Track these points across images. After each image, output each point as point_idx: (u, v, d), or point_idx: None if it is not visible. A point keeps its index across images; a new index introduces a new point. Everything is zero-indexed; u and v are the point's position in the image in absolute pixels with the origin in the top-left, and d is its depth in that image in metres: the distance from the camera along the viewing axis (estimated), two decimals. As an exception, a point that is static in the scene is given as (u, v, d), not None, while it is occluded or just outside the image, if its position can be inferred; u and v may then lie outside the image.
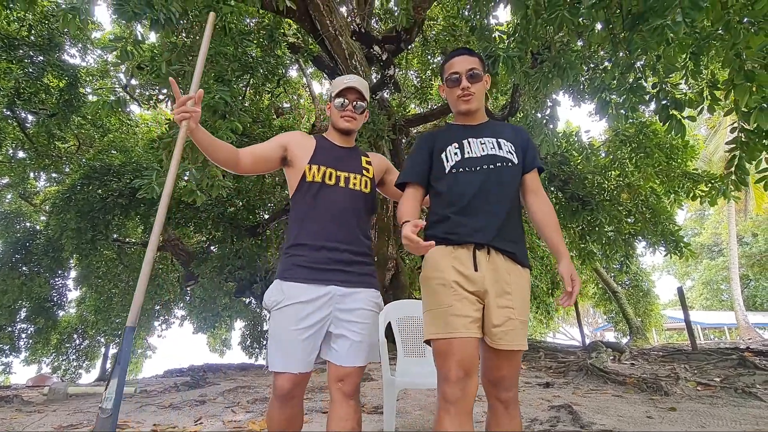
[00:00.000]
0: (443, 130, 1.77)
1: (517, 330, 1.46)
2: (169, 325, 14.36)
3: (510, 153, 1.62)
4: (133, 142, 10.53)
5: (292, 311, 1.56)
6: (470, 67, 1.67)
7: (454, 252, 1.51)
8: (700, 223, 27.29)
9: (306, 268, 1.61)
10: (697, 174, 7.09)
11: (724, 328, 22.69)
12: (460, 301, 1.45)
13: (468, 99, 1.67)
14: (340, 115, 1.79)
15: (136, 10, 2.95)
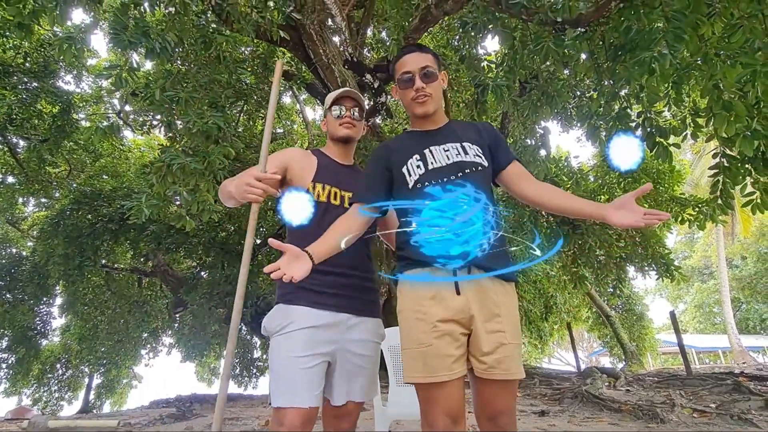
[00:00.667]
0: (400, 139, 1.61)
1: (511, 356, 1.29)
2: (156, 354, 13.98)
3: (478, 156, 1.45)
4: (125, 167, 10.52)
5: (300, 337, 1.39)
6: (423, 65, 1.48)
7: (432, 275, 1.35)
8: (690, 246, 27.57)
9: (313, 292, 1.47)
10: (684, 198, 7.22)
11: (718, 352, 22.62)
12: (440, 338, 1.28)
13: (424, 100, 1.48)
14: (339, 123, 1.67)
15: (132, 39, 3.01)
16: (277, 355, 1.41)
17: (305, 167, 1.61)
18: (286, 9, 4.22)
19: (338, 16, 4.66)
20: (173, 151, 2.99)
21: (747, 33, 2.48)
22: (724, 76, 2.33)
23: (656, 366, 19.27)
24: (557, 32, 3.46)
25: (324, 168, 1.62)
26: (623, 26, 2.87)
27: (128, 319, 11.80)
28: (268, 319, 1.49)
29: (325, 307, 1.46)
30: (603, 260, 7.75)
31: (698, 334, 25.42)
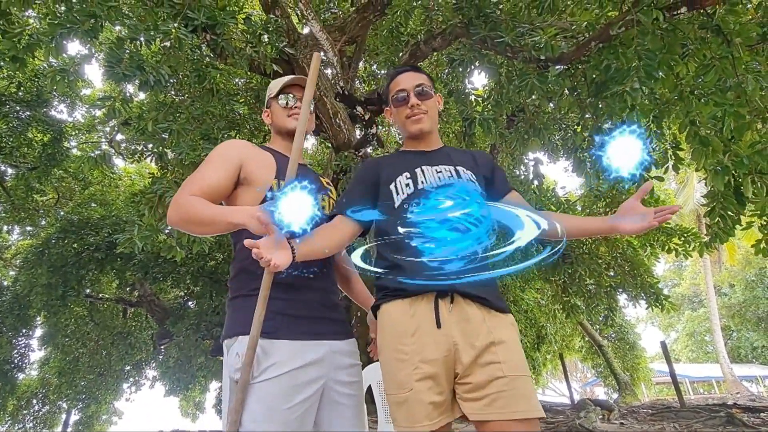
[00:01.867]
0: (391, 156, 1.53)
1: (512, 391, 1.10)
2: (139, 388, 13.48)
3: (471, 181, 1.37)
4: (115, 195, 10.45)
5: (283, 384, 1.13)
6: (418, 83, 1.44)
7: (413, 307, 1.21)
8: (679, 274, 27.80)
9: (294, 318, 1.22)
10: (670, 227, 7.34)
11: (712, 382, 22.45)
12: (421, 381, 1.14)
13: (419, 118, 1.43)
14: (288, 114, 1.44)
15: (126, 72, 3.06)
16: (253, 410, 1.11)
17: (261, 163, 1.36)
18: (280, 44, 4.34)
19: (330, 51, 4.81)
20: (165, 182, 3.00)
21: (719, 73, 2.61)
22: (699, 113, 2.43)
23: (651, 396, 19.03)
24: (541, 69, 3.60)
25: (282, 165, 1.36)
26: (603, 64, 3.00)
27: (111, 351, 11.44)
28: (235, 358, 1.17)
29: (309, 337, 1.22)
30: (593, 289, 7.77)
31: (691, 364, 25.27)
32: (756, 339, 22.58)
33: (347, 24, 5.28)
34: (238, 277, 1.31)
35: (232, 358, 1.19)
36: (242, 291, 1.27)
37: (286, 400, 1.13)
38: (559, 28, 3.59)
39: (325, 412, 1.24)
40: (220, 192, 1.30)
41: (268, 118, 1.51)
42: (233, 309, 1.29)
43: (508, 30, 3.48)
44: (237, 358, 1.17)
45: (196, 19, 3.38)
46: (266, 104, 1.53)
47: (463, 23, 3.85)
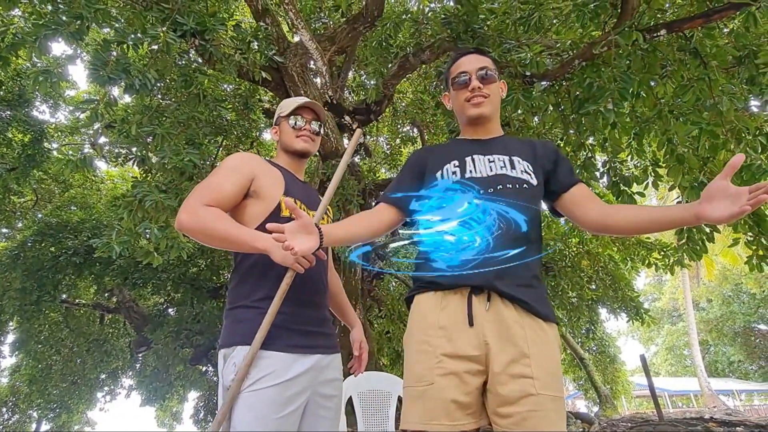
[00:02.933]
0: (444, 144, 1.47)
1: (544, 412, 1.00)
2: (114, 397, 13.10)
3: (526, 173, 1.25)
4: (96, 199, 10.24)
5: (273, 394, 1.15)
6: (482, 66, 1.33)
7: (444, 300, 1.13)
8: (659, 289, 28.33)
9: (290, 332, 1.23)
10: (650, 242, 7.49)
11: (690, 395, 22.79)
12: (446, 376, 1.05)
13: (479, 101, 1.31)
14: (296, 135, 1.48)
15: (111, 75, 3.03)
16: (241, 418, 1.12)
17: (271, 179, 1.39)
18: (269, 52, 4.35)
19: (319, 61, 4.83)
20: (146, 186, 2.95)
21: (696, 93, 2.71)
22: (677, 132, 2.51)
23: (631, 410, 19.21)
24: (526, 85, 3.68)
25: (289, 183, 1.43)
26: (585, 82, 3.08)
27: (86, 358, 11.11)
28: (232, 368, 1.18)
29: (301, 350, 1.23)
30: (576, 302, 7.87)
31: (670, 377, 25.65)
32: (732, 353, 23.06)
33: (337, 34, 5.32)
34: (239, 287, 1.32)
35: (229, 368, 1.20)
36: (243, 301, 1.28)
37: (277, 410, 1.15)
38: (545, 45, 3.67)
39: (306, 423, 1.26)
40: (231, 203, 1.32)
41: (276, 135, 1.54)
42: (233, 319, 1.29)
43: (495, 46, 3.55)
44: (233, 368, 1.18)
45: (185, 24, 3.37)
46: (275, 121, 1.56)
47: (452, 37, 3.92)
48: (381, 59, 5.39)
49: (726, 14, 2.51)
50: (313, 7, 6.05)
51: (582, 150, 3.83)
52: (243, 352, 1.17)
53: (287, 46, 5.09)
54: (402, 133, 9.92)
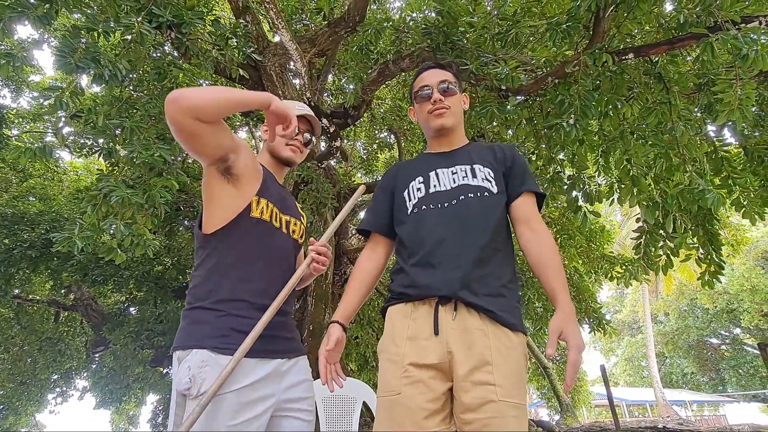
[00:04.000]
0: (410, 161, 1.49)
1: (504, 419, 1.02)
2: (66, 399, 12.46)
3: (487, 180, 1.29)
4: (57, 190, 9.78)
5: (233, 401, 1.10)
6: (442, 79, 1.39)
7: (414, 311, 1.17)
8: (621, 301, 29.35)
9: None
10: (612, 256, 7.78)
11: (646, 405, 23.67)
12: (412, 385, 1.08)
13: (441, 112, 1.36)
14: (286, 143, 1.45)
15: (79, 63, 2.91)
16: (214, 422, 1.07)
17: (252, 168, 1.33)
18: (248, 50, 4.29)
19: (299, 62, 4.81)
20: (112, 180, 2.84)
21: (659, 116, 2.85)
22: (635, 153, 2.63)
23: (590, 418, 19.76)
24: (502, 98, 3.77)
25: (269, 182, 1.38)
26: (557, 99, 3.19)
27: (37, 358, 10.54)
28: (185, 371, 1.11)
29: (263, 355, 1.19)
30: (541, 312, 8.06)
31: (628, 387, 26.56)
32: (686, 365, 24.12)
33: (318, 37, 5.31)
34: (199, 287, 1.26)
35: (183, 371, 1.13)
36: (202, 302, 1.22)
37: (232, 417, 1.09)
38: (520, 61, 3.78)
39: (278, 429, 1.21)
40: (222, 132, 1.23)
41: (265, 135, 1.49)
42: (191, 320, 1.22)
43: (472, 59, 3.63)
44: (187, 372, 1.11)
45: (161, 15, 3.29)
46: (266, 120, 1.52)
47: (431, 48, 3.98)
48: (361, 64, 5.41)
49: (688, 43, 2.65)
50: (295, 8, 6.02)
51: (552, 164, 3.94)
52: (198, 355, 1.12)
53: (267, 45, 5.04)
54: (379, 138, 9.96)
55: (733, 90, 2.14)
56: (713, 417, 21.09)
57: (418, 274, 1.20)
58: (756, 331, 19.95)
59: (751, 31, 2.20)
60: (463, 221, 1.22)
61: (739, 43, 2.16)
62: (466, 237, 1.20)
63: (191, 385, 1.09)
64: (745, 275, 18.41)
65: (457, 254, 1.18)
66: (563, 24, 2.81)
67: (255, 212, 1.28)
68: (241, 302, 1.20)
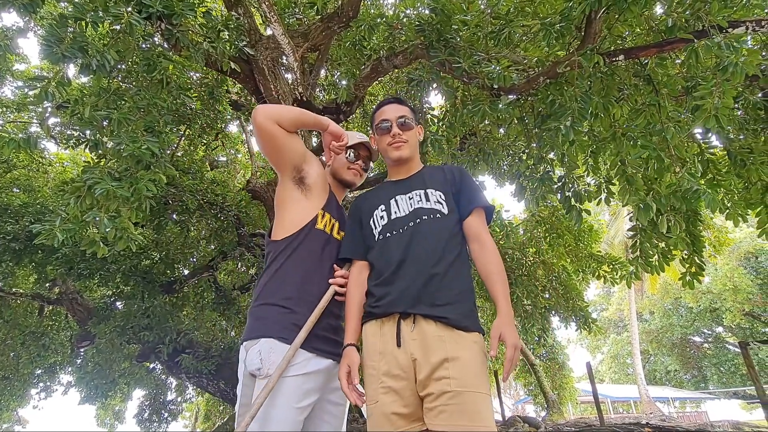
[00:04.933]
0: (373, 191, 1.65)
1: (460, 405, 1.17)
2: (50, 394, 12.27)
3: (438, 203, 1.45)
4: (43, 182, 9.59)
5: (295, 384, 1.26)
6: (401, 115, 1.57)
7: (382, 327, 1.34)
8: (607, 300, 29.77)
9: (311, 334, 1.35)
10: (600, 256, 7.87)
11: (630, 402, 24.09)
12: (386, 393, 1.27)
13: (399, 145, 1.54)
14: (348, 167, 1.68)
15: (66, 53, 2.85)
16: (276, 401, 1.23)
17: (323, 186, 1.57)
18: (240, 43, 4.25)
19: (291, 56, 4.77)
20: (97, 172, 2.79)
21: (647, 118, 2.88)
22: (628, 153, 2.66)
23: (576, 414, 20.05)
24: (493, 97, 3.78)
25: (332, 199, 1.60)
26: (548, 99, 3.21)
27: (20, 352, 10.37)
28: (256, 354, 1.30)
29: (319, 353, 1.36)
30: (530, 310, 8.14)
31: (613, 384, 26.98)
32: (670, 363, 24.58)
33: (311, 31, 5.27)
34: (269, 286, 1.44)
35: (253, 355, 1.31)
36: (270, 300, 1.40)
37: (298, 399, 1.27)
38: (512, 60, 3.79)
39: (311, 424, 1.36)
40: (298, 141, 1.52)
41: (330, 159, 1.67)
42: (259, 315, 1.40)
43: (465, 57, 3.63)
44: (257, 355, 1.30)
45: (151, 6, 3.23)
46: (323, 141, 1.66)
47: (424, 45, 3.97)
48: (354, 60, 5.38)
49: (676, 46, 2.69)
50: (288, 2, 5.96)
51: (542, 163, 3.98)
52: (267, 343, 1.31)
53: (259, 39, 4.99)
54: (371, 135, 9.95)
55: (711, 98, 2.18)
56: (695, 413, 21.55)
57: (381, 294, 1.38)
58: (737, 330, 20.40)
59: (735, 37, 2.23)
60: (418, 242, 1.39)
61: (722, 52, 2.19)
62: (421, 257, 1.37)
63: (261, 365, 1.26)
64: (728, 275, 18.78)
65: (413, 273, 1.35)
66: (556, 24, 2.82)
67: (320, 224, 1.48)
68: (303, 302, 1.37)
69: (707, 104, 2.15)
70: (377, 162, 10.09)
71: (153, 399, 12.81)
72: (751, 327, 20.14)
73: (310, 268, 1.43)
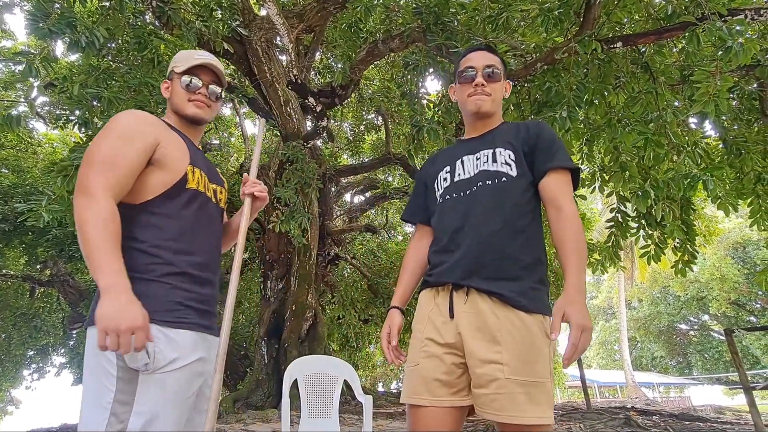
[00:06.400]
0: (442, 152, 1.50)
1: (511, 395, 1.08)
2: (42, 375, 12.30)
3: (506, 164, 1.28)
4: (32, 162, 9.43)
5: (186, 377, 1.10)
6: (489, 64, 1.36)
7: (436, 296, 1.26)
8: (597, 287, 30.16)
9: (195, 311, 1.16)
10: (592, 244, 7.94)
11: (617, 387, 24.62)
12: (428, 358, 1.18)
13: (480, 97, 1.34)
14: (188, 98, 1.30)
15: (53, 29, 2.77)
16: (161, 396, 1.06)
17: (175, 146, 1.23)
18: (233, 22, 4.15)
19: (286, 37, 4.68)
20: (87, 152, 2.74)
21: (644, 106, 2.88)
22: (623, 141, 2.66)
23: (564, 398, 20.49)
24: (490, 82, 3.75)
25: (192, 150, 1.27)
26: (545, 86, 3.19)
27: (12, 333, 10.34)
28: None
29: (203, 329, 1.17)
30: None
31: (601, 370, 27.54)
32: (656, 350, 25.10)
33: (306, 12, 5.16)
34: (137, 259, 1.14)
35: None
36: (143, 275, 1.12)
37: (187, 390, 1.11)
38: (510, 45, 3.75)
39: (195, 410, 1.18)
40: (134, 177, 1.14)
41: (167, 92, 1.34)
42: None
43: (463, 41, 3.59)
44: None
45: (141, -19, 3.14)
46: (168, 75, 1.37)
47: (421, 28, 3.92)
48: (350, 43, 5.30)
49: (675, 34, 2.67)
50: (283, -19, 5.83)
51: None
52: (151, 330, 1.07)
53: (253, 19, 4.89)
54: (366, 120, 9.85)
55: (711, 81, 2.16)
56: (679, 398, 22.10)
57: (437, 262, 1.29)
58: (723, 318, 20.82)
59: (737, 23, 2.21)
60: (477, 208, 1.26)
61: (724, 35, 2.18)
62: (480, 224, 1.24)
63: (149, 360, 1.05)
64: (715, 265, 19.08)
65: (470, 242, 1.23)
66: (555, 10, 2.79)
67: (191, 183, 1.21)
68: (183, 275, 1.15)
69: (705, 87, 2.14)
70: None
71: (146, 381, 12.86)
72: (736, 315, 20.55)
73: (185, 234, 1.20)
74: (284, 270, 6.87)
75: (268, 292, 6.86)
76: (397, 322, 1.36)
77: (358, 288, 8.85)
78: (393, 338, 1.33)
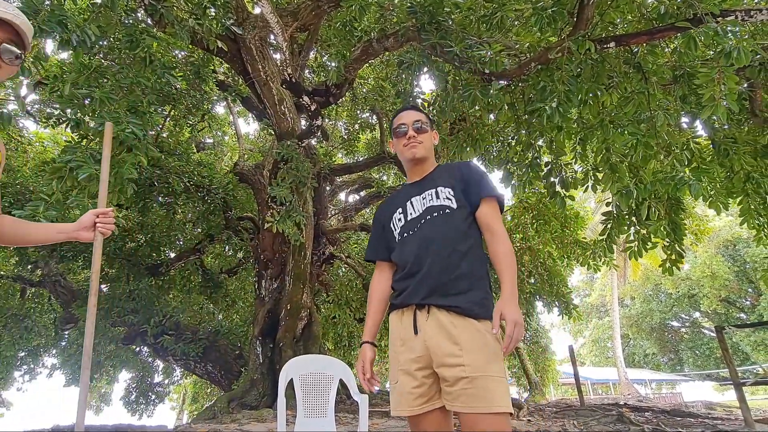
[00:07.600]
0: (393, 196, 1.76)
1: (475, 389, 1.30)
2: (34, 377, 12.15)
3: (447, 198, 1.55)
4: (21, 162, 9.31)
5: None
6: (416, 119, 1.67)
7: (403, 318, 1.49)
8: (591, 285, 30.38)
9: None
10: (585, 242, 8.00)
11: (609, 384, 24.83)
12: (405, 375, 1.43)
13: (413, 145, 1.63)
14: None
15: (43, 27, 2.74)
16: None
17: None
18: (227, 21, 4.13)
19: (280, 36, 4.66)
20: (79, 154, 2.71)
21: (636, 106, 2.90)
22: (614, 141, 2.68)
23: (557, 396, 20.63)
24: (485, 82, 3.76)
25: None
26: (539, 85, 3.21)
27: (2, 334, 10.20)
28: None
29: None
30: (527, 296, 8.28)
31: (594, 367, 27.75)
32: (648, 347, 25.35)
33: (301, 10, 5.14)
34: None
35: None
36: None
37: None
38: (505, 45, 3.76)
39: None
40: None
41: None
42: None
43: (457, 41, 3.59)
44: None
45: (133, -21, 3.11)
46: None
47: (416, 27, 3.91)
48: (344, 42, 5.29)
49: (668, 34, 2.69)
50: (277, -21, 5.80)
51: (530, 150, 3.99)
52: None
53: (247, 17, 4.86)
54: (361, 119, 9.83)
55: (716, 85, 2.18)
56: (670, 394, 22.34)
57: (401, 288, 1.52)
58: (714, 315, 21.07)
59: (729, 24, 2.23)
60: (430, 237, 1.50)
61: (720, 38, 2.20)
62: (433, 251, 1.48)
63: None
64: (706, 262, 19.30)
65: (427, 267, 1.46)
66: (549, 9, 2.80)
67: None
68: None
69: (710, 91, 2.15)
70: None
71: (140, 381, 12.79)
72: (726, 312, 20.80)
73: None
74: (279, 269, 6.84)
75: (262, 292, 6.83)
76: (370, 356, 1.56)
77: (353, 287, 8.84)
78: (367, 372, 1.54)
